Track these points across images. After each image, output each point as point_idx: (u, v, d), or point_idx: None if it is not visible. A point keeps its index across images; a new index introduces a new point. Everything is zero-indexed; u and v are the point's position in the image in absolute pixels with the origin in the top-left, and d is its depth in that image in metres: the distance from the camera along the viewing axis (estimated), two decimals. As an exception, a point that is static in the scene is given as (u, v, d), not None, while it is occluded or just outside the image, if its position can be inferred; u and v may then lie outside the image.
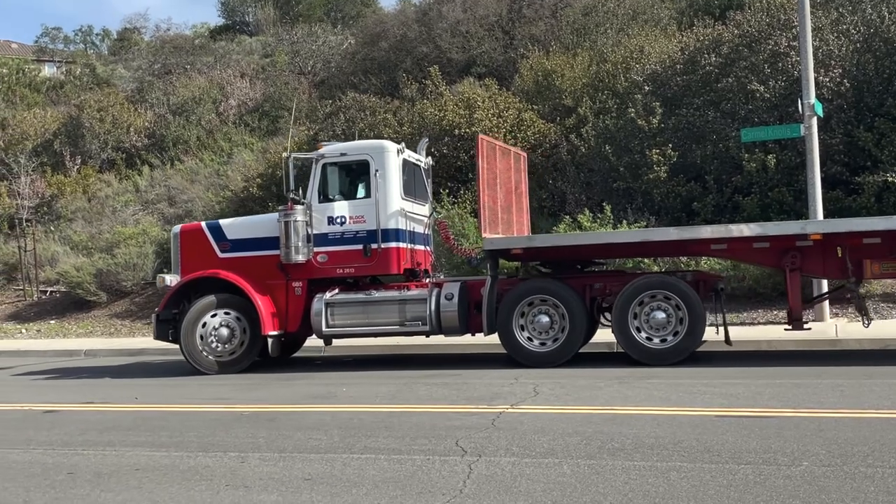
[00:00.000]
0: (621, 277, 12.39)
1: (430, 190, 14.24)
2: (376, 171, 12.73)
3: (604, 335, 12.85)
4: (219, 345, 12.67)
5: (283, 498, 5.63)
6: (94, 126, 30.26)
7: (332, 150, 13.31)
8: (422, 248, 13.62)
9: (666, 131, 18.61)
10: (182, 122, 30.40)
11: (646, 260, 15.66)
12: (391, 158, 12.87)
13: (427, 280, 13.13)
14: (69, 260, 23.77)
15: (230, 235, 13.27)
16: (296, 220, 12.64)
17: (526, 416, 8.05)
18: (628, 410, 8.14)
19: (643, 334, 11.50)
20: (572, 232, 16.61)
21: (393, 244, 12.67)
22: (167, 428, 8.26)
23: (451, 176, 20.42)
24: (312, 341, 13.95)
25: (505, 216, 13.40)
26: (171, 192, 27.08)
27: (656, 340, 11.47)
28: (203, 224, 13.90)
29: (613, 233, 14.92)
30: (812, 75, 15.12)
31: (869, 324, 11.98)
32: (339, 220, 12.80)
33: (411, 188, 13.36)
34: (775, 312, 15.08)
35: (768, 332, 13.81)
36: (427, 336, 12.94)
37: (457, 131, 20.33)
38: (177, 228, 13.99)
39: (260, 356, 13.10)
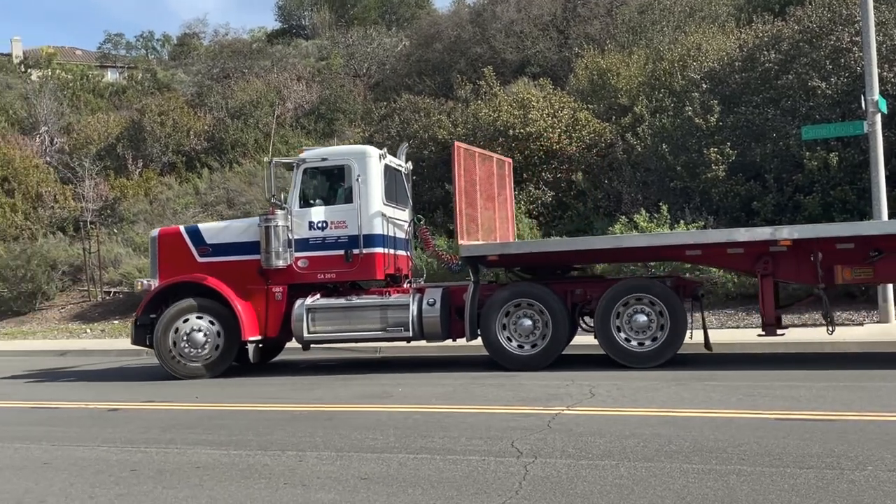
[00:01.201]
0: (602, 282, 12.54)
1: (410, 195, 14.19)
2: (358, 176, 12.65)
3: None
4: (192, 350, 12.54)
5: (341, 497, 5.68)
6: (156, 130, 30.92)
7: (313, 154, 13.25)
8: (403, 253, 13.59)
9: (724, 129, 18.35)
10: (240, 126, 30.87)
11: (632, 265, 15.65)
12: (373, 164, 12.79)
13: (408, 286, 13.10)
14: (131, 261, 24.34)
15: (209, 240, 13.16)
16: (276, 225, 12.55)
17: (582, 418, 8.00)
18: (686, 413, 8.04)
19: (623, 336, 11.58)
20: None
21: (374, 250, 12.63)
22: (226, 427, 8.39)
23: (506, 176, 20.38)
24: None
25: (486, 223, 13.44)
26: (229, 194, 27.52)
27: (635, 343, 11.56)
28: (182, 228, 13.75)
29: (586, 239, 15.01)
30: (875, 71, 14.78)
31: (833, 331, 11.69)
32: (320, 226, 12.73)
33: (392, 193, 13.33)
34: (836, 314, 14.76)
35: (826, 333, 13.52)
36: (408, 342, 12.92)
37: (511, 132, 20.30)
38: (155, 232, 13.88)
39: (237, 361, 13.13)
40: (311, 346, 13.02)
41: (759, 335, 11.89)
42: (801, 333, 13.07)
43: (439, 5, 43.64)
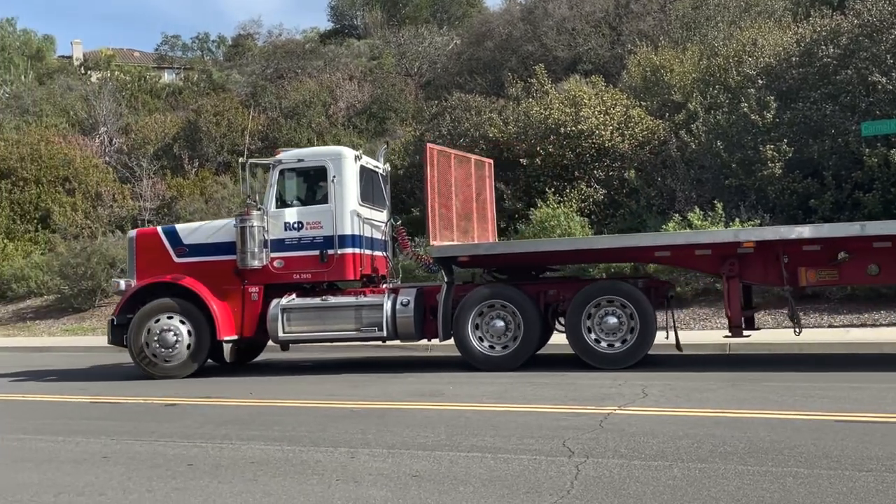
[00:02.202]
0: (575, 283, 12.58)
1: (388, 196, 14.26)
2: (334, 177, 12.74)
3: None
4: (162, 349, 12.65)
5: (392, 493, 5.71)
6: (211, 130, 31.41)
7: (289, 156, 13.33)
8: (380, 254, 13.66)
9: (781, 126, 18.03)
10: (293, 125, 31.21)
11: (613, 266, 15.67)
12: (348, 165, 12.89)
13: (384, 286, 13.15)
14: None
15: (186, 240, 13.27)
16: (252, 226, 12.64)
17: (634, 418, 7.94)
18: (741, 413, 7.92)
19: (594, 337, 11.69)
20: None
21: (349, 250, 12.72)
22: (280, 423, 8.49)
23: (557, 175, 20.30)
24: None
25: (462, 223, 13.53)
26: (282, 193, 27.77)
27: (604, 344, 11.66)
28: (159, 229, 13.96)
29: (555, 240, 15.01)
30: (939, 65, 14.38)
31: (800, 332, 11.68)
32: (295, 226, 12.83)
33: (369, 194, 13.43)
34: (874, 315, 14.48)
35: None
36: (384, 342, 12.99)
37: (562, 129, 20.19)
38: (132, 233, 14.00)
39: (216, 360, 13.39)
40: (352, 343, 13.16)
41: (726, 336, 11.97)
42: (862, 334, 12.82)
43: (491, 3, 43.72)
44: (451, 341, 12.49)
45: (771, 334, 14.40)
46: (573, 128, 20.14)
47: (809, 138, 17.69)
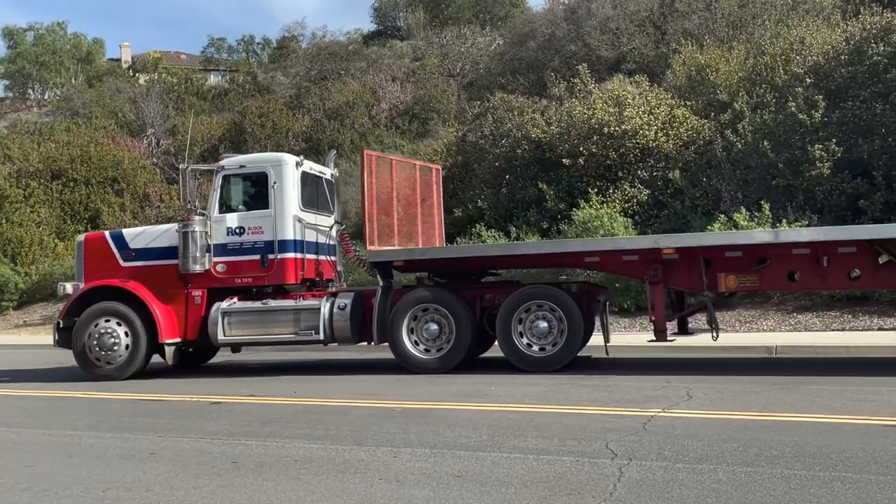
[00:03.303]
0: (509, 288, 12.60)
1: (335, 201, 14.42)
2: (274, 183, 12.98)
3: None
4: (101, 352, 12.91)
5: (434, 493, 5.73)
6: (256, 131, 31.76)
7: (231, 162, 13.61)
8: (326, 258, 13.85)
9: (829, 125, 17.72)
10: (336, 126, 31.42)
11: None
12: (288, 171, 13.11)
13: (328, 290, 13.29)
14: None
15: (133, 245, 13.49)
16: (193, 231, 12.88)
17: (679, 421, 7.86)
18: (788, 417, 7.81)
19: (525, 341, 11.90)
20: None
21: (289, 255, 12.93)
22: (323, 422, 8.55)
23: (601, 175, 20.17)
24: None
25: (406, 229, 13.78)
26: (326, 193, 27.97)
27: (536, 348, 11.88)
28: (107, 233, 14.19)
29: (485, 246, 15.21)
30: None
31: (717, 337, 11.80)
32: (237, 231, 13.07)
33: (314, 200, 13.66)
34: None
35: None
36: (325, 345, 13.20)
37: (606, 129, 20.06)
38: (81, 237, 14.24)
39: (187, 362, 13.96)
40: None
41: (650, 341, 12.06)
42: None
43: (533, 3, 43.56)
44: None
45: (819, 337, 14.19)
46: (617, 128, 20.00)
47: (859, 138, 17.36)
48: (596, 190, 19.58)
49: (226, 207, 13.30)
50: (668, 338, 11.90)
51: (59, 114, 43.47)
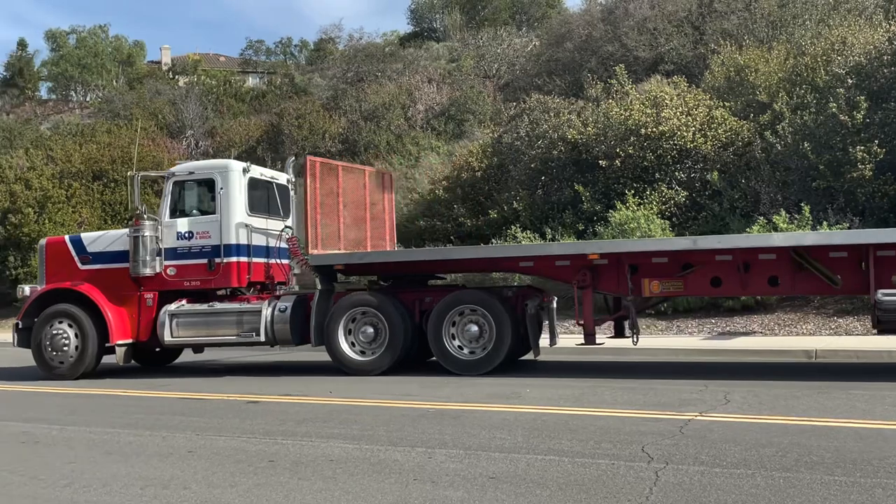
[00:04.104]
0: (445, 292, 12.89)
1: (290, 206, 14.71)
2: (221, 189, 13.37)
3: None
4: (54, 352, 13.48)
5: (469, 494, 5.72)
6: (293, 133, 31.96)
7: (181, 168, 14.07)
8: (277, 261, 14.10)
9: (872, 126, 17.44)
10: (373, 128, 31.52)
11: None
12: (235, 177, 13.49)
13: (276, 293, 13.64)
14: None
15: (90, 248, 13.97)
16: (143, 235, 13.33)
17: (716, 425, 7.79)
18: (828, 422, 7.70)
19: (457, 343, 12.26)
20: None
21: (235, 259, 13.32)
22: (358, 422, 8.59)
23: (637, 177, 20.03)
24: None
25: (353, 233, 14.22)
26: (362, 194, 28.07)
27: (466, 351, 12.22)
28: (66, 238, 14.61)
29: (417, 251, 15.52)
30: None
31: (637, 341, 12.05)
32: (186, 235, 13.50)
33: (264, 205, 14.06)
34: None
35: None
36: (272, 346, 13.64)
37: (643, 131, 19.92)
38: (42, 241, 14.79)
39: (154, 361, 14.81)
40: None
41: (579, 345, 12.38)
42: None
43: (570, 4, 43.37)
44: None
45: (859, 341, 13.96)
46: (654, 129, 19.85)
47: (902, 139, 17.07)
48: (633, 191, 19.45)
49: (178, 213, 13.74)
50: (598, 341, 12.22)
51: (100, 115, 44.09)
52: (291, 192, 14.86)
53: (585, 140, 20.97)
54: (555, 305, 12.31)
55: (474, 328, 12.15)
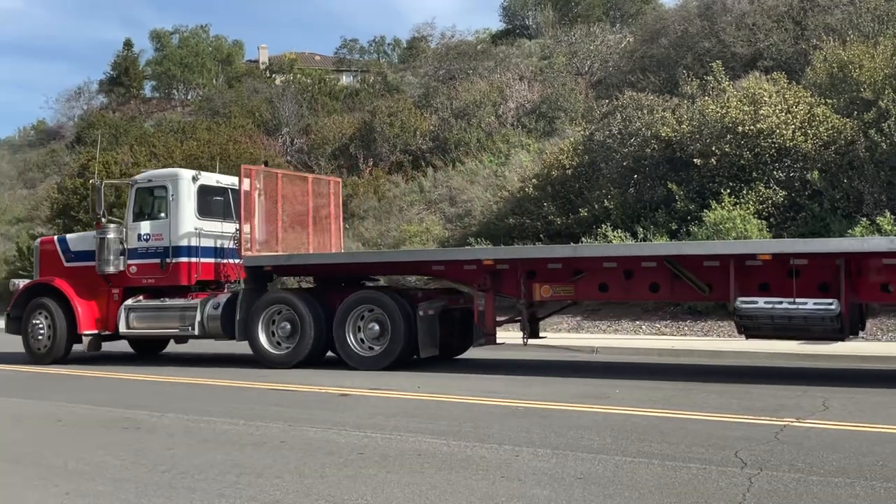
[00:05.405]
0: (353, 291, 13.55)
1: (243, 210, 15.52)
2: (172, 195, 14.73)
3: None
4: (34, 340, 15.27)
5: (556, 493, 5.70)
6: (385, 130, 32.31)
7: (142, 176, 15.63)
8: (231, 261, 15.11)
9: (985, 124, 16.62)
10: (463, 125, 31.60)
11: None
12: (184, 185, 14.79)
13: (223, 291, 14.77)
14: (360, 255, 25.59)
15: (72, 248, 15.62)
16: (107, 237, 14.81)
17: (813, 431, 7.56)
18: (933, 433, 7.39)
19: (360, 338, 13.11)
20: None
21: (184, 259, 14.65)
22: (446, 417, 8.64)
23: (734, 175, 19.55)
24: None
25: (293, 236, 15.20)
26: (451, 192, 28.25)
27: (366, 346, 13.10)
28: (55, 238, 16.35)
29: (335, 254, 15.87)
30: None
31: (526, 343, 12.78)
32: (145, 237, 14.90)
33: (218, 209, 15.23)
34: None
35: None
36: (216, 339, 14.77)
37: (740, 128, 19.43)
38: (36, 242, 16.79)
39: (147, 350, 16.74)
40: (529, 344, 13.47)
41: (478, 344, 13.18)
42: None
43: (665, 0, 42.40)
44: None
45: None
46: (752, 127, 19.34)
47: None
48: (728, 191, 19.00)
49: (140, 216, 15.10)
50: (497, 341, 12.85)
51: (200, 113, 45.46)
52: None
53: (680, 138, 20.58)
54: (432, 312, 12.98)
55: (376, 327, 13.04)
